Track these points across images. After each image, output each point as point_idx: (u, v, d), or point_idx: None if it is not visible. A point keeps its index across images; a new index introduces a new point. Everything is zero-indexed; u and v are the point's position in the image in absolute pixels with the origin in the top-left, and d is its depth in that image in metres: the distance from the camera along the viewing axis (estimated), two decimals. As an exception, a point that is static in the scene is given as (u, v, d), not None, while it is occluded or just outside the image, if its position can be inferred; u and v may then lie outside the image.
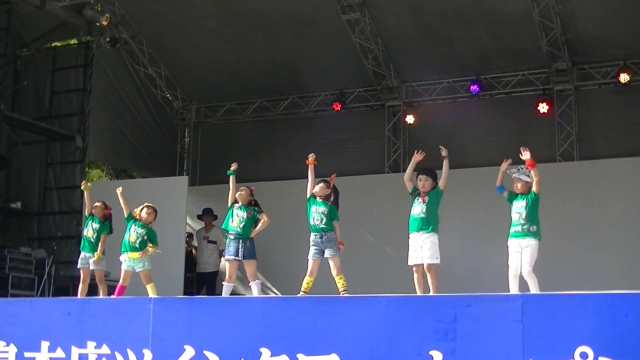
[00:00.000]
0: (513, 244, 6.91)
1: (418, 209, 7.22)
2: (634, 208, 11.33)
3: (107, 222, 8.59)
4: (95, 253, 8.45)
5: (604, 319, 5.17)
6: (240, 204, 7.91)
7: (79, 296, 8.40)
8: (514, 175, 7.01)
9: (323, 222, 7.44)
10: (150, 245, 8.11)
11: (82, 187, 8.89)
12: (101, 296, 8.40)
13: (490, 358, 5.42)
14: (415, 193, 7.31)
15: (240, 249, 7.73)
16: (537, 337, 5.32)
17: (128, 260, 8.11)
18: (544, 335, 5.30)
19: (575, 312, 5.29)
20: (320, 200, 7.53)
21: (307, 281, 7.43)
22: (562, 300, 5.50)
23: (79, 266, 8.57)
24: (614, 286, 7.69)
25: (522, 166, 7.00)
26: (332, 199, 7.58)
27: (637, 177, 11.46)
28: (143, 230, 8.16)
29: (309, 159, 7.70)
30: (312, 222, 7.48)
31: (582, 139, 12.52)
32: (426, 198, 7.21)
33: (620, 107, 12.38)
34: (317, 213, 7.48)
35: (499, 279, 7.34)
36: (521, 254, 6.84)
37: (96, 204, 8.61)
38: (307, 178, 7.66)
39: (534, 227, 6.85)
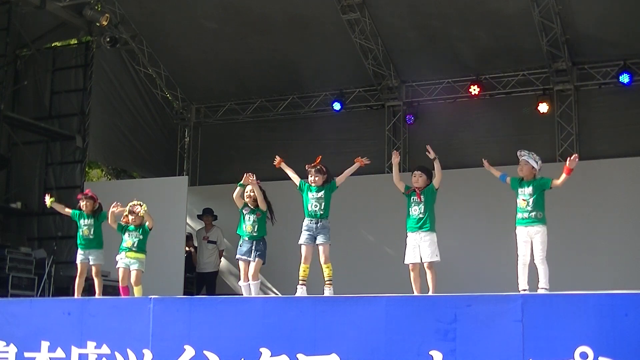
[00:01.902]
0: (521, 232, 6.86)
1: (416, 208, 7.21)
2: (634, 208, 11.33)
3: (99, 214, 8.51)
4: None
5: (604, 319, 5.17)
6: (250, 207, 7.87)
7: (76, 291, 8.37)
8: (523, 157, 6.96)
9: (321, 208, 7.42)
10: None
11: (48, 203, 8.72)
12: (97, 290, 8.35)
13: (490, 358, 5.42)
14: (409, 190, 7.30)
15: (253, 250, 7.73)
16: (537, 337, 5.32)
17: (125, 259, 8.14)
18: (544, 335, 5.30)
19: (575, 312, 5.29)
20: (315, 185, 7.51)
21: (303, 269, 7.37)
22: (562, 300, 5.50)
23: (77, 261, 8.49)
24: (614, 286, 7.69)
25: (533, 153, 6.99)
26: (327, 180, 7.54)
27: (637, 177, 11.47)
28: (136, 231, 8.19)
29: (276, 162, 7.71)
30: (309, 209, 7.43)
31: (582, 139, 12.53)
32: (422, 196, 7.20)
33: (620, 107, 12.38)
34: (314, 199, 7.45)
35: (499, 278, 7.36)
36: (531, 243, 6.81)
37: (83, 203, 8.51)
38: (288, 174, 7.66)
39: (540, 213, 6.82)
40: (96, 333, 6.87)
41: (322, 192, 7.46)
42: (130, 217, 8.21)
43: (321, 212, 7.41)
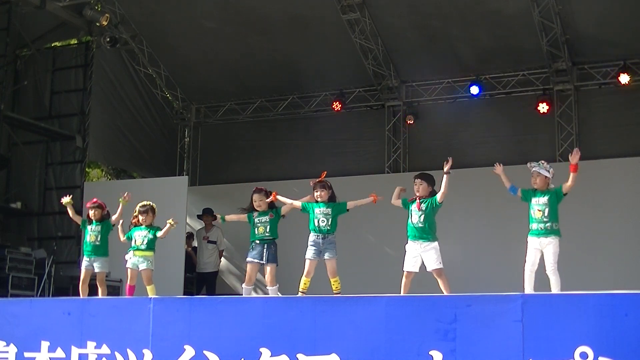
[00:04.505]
0: (533, 242, 6.81)
1: (415, 217, 7.11)
2: (634, 208, 11.34)
3: (107, 221, 8.51)
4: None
5: (604, 319, 5.17)
6: (259, 211, 7.81)
7: (81, 296, 8.33)
8: (534, 169, 6.89)
9: (328, 224, 7.39)
10: (170, 222, 8.02)
11: (65, 202, 8.65)
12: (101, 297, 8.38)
13: (490, 358, 5.41)
14: (410, 199, 7.23)
15: (264, 253, 7.63)
16: (537, 337, 5.32)
17: (133, 258, 8.11)
18: (544, 335, 5.30)
19: (575, 312, 5.29)
20: (321, 201, 7.49)
21: (304, 281, 7.37)
22: (562, 300, 5.50)
23: (82, 267, 8.43)
24: (614, 286, 7.69)
25: (543, 161, 6.94)
26: (332, 197, 7.53)
27: (637, 177, 11.47)
28: (145, 230, 8.16)
29: (271, 198, 7.65)
30: (316, 224, 7.39)
31: (582, 139, 12.52)
32: (422, 205, 7.09)
33: (620, 107, 12.38)
34: (321, 214, 7.40)
35: (499, 279, 7.36)
36: (542, 252, 6.76)
37: (91, 212, 8.50)
38: (286, 203, 7.64)
39: (556, 224, 6.77)
40: (96, 333, 6.86)
41: (329, 208, 7.42)
42: (141, 217, 8.19)
43: (328, 228, 7.36)
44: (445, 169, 7.08)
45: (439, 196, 7.11)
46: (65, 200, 8.67)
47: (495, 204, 11.32)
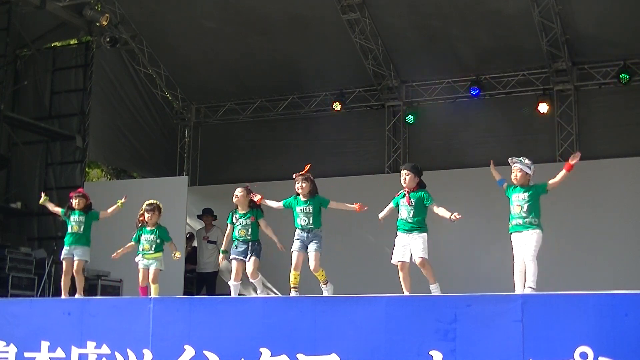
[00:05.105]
0: (517, 238, 6.74)
1: (405, 213, 7.03)
2: (634, 208, 11.34)
3: (92, 212, 8.40)
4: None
5: (604, 319, 5.17)
6: (240, 211, 7.81)
7: (62, 290, 8.20)
8: (515, 164, 6.88)
9: (310, 222, 7.37)
10: (174, 252, 8.12)
11: (41, 201, 8.73)
12: (77, 288, 8.22)
13: (490, 358, 5.42)
14: (397, 193, 7.15)
15: (249, 251, 7.66)
16: (537, 337, 5.32)
17: (143, 260, 8.09)
18: (544, 335, 5.30)
19: (575, 312, 5.29)
20: (303, 199, 7.48)
21: (294, 275, 7.30)
22: (562, 300, 5.50)
23: (62, 257, 8.33)
24: (614, 286, 7.69)
25: (524, 158, 6.92)
26: (313, 191, 7.47)
27: (637, 177, 11.47)
28: (152, 235, 8.10)
29: (257, 199, 7.68)
30: (299, 222, 7.39)
31: (582, 139, 12.53)
32: (412, 200, 7.02)
33: (620, 107, 12.39)
34: (302, 213, 7.38)
35: (499, 278, 7.36)
36: (526, 244, 6.73)
37: (75, 201, 8.38)
38: (272, 206, 7.65)
39: (536, 219, 6.70)
40: (96, 333, 6.87)
41: (310, 206, 7.38)
42: (147, 215, 8.13)
43: (311, 226, 7.36)
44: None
45: (433, 207, 7.03)
46: (42, 200, 8.72)
47: (496, 204, 11.26)
